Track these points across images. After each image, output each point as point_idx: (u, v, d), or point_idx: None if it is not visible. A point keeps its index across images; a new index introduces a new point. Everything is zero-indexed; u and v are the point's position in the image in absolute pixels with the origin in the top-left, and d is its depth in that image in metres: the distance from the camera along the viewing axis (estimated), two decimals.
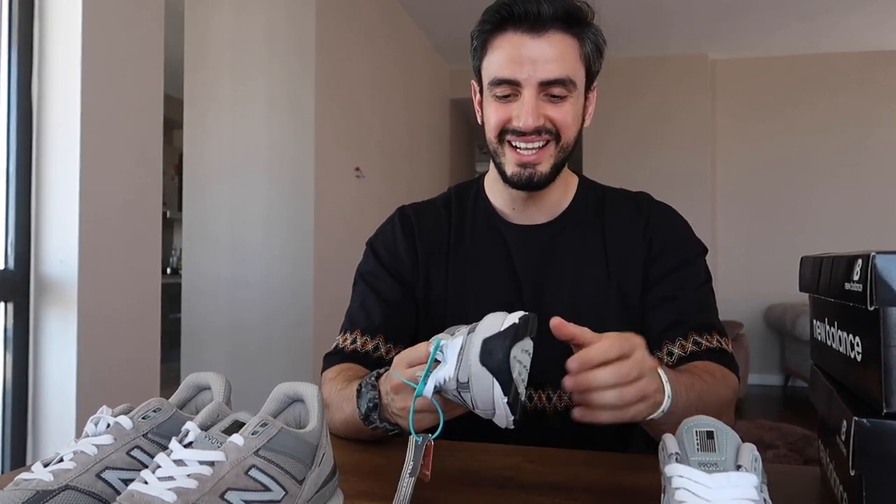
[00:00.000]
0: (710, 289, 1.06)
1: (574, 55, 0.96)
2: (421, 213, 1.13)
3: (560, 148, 0.99)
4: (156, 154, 1.92)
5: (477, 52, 1.01)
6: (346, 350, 1.04)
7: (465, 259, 1.07)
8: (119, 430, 0.60)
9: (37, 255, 1.68)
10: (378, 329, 1.04)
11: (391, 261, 1.09)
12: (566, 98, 0.96)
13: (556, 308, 1.02)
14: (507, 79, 0.95)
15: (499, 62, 0.96)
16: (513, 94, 0.97)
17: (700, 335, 0.98)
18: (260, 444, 0.55)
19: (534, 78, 0.94)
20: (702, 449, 0.55)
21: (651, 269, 1.04)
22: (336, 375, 0.98)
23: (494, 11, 0.96)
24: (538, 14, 0.93)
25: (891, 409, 0.56)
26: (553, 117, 0.96)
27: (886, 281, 0.56)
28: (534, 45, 0.94)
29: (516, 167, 0.99)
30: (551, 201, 1.08)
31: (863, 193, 5.46)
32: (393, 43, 4.32)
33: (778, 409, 4.97)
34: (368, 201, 3.74)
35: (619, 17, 4.76)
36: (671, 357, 0.98)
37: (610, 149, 5.67)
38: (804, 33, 5.09)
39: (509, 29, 0.95)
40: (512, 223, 1.09)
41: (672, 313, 1.00)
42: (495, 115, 0.98)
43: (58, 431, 1.64)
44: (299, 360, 3.14)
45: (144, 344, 1.86)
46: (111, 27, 1.76)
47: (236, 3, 3.26)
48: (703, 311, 1.01)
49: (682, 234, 1.08)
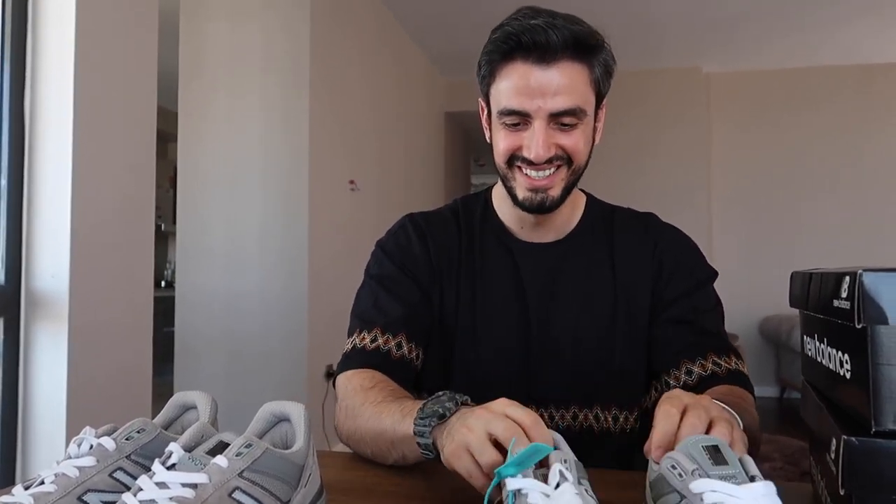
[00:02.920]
0: (721, 313, 1.06)
1: (584, 83, 0.94)
2: (431, 221, 1.12)
3: (572, 171, 0.99)
4: (149, 167, 1.92)
5: (485, 78, 0.99)
6: (368, 349, 0.99)
7: (474, 274, 1.06)
8: (102, 452, 0.59)
9: (28, 270, 1.67)
10: (399, 326, 1.00)
11: (407, 262, 1.07)
12: (576, 126, 0.95)
13: (564, 328, 1.02)
14: (517, 110, 0.93)
15: (507, 92, 0.94)
16: (522, 123, 0.95)
17: (719, 356, 0.98)
18: (244, 465, 0.54)
19: (544, 110, 0.92)
20: (716, 463, 0.56)
21: (664, 291, 1.04)
22: (366, 382, 0.93)
23: (502, 41, 0.93)
24: (546, 43, 0.90)
25: (880, 428, 0.56)
26: (565, 145, 0.95)
27: (874, 299, 0.55)
28: (543, 75, 0.91)
29: (528, 192, 0.98)
30: (560, 220, 1.07)
31: (859, 205, 5.48)
32: (388, 56, 4.34)
33: (774, 421, 4.96)
34: (363, 214, 3.74)
35: (614, 31, 4.73)
36: (691, 376, 0.97)
37: (607, 161, 5.68)
38: (799, 46, 5.12)
39: (518, 58, 0.93)
40: (521, 240, 1.08)
41: (690, 334, 1.00)
42: (504, 142, 0.97)
43: (48, 448, 1.63)
44: (294, 372, 3.13)
45: (136, 359, 1.85)
46: (105, 39, 1.76)
47: (231, 16, 3.27)
48: (719, 333, 1.02)
49: (694, 257, 1.08)
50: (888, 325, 0.55)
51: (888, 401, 0.56)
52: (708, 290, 1.06)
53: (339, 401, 0.96)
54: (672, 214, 1.15)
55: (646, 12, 4.50)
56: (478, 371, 1.03)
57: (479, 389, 1.02)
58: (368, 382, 0.93)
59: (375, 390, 0.90)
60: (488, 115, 1.02)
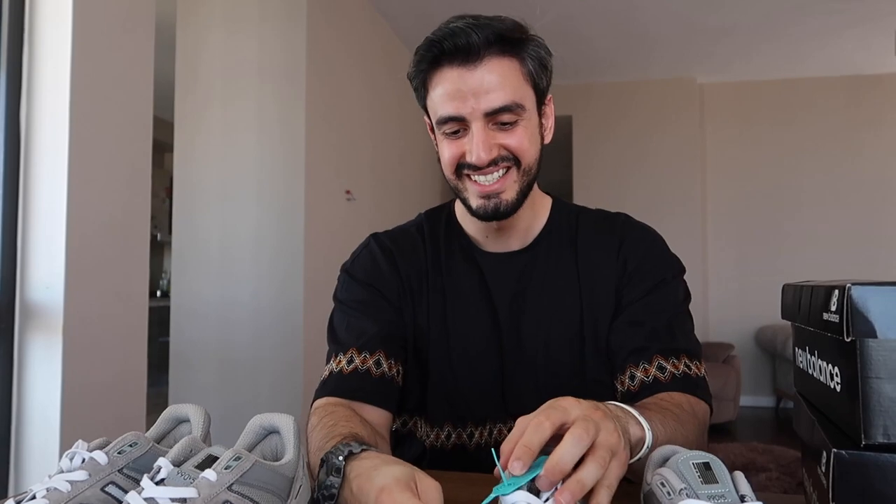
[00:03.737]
0: (686, 310, 1.02)
1: (516, 77, 0.92)
2: (396, 239, 1.10)
3: (522, 172, 0.96)
4: (144, 177, 1.92)
5: (418, 91, 0.98)
6: (345, 372, 0.95)
7: (442, 290, 1.05)
8: (94, 466, 0.59)
9: (23, 281, 1.66)
10: (376, 344, 0.98)
11: (375, 282, 1.05)
12: (517, 123, 0.93)
13: (534, 338, 1.01)
14: (452, 115, 0.92)
15: (440, 100, 0.93)
16: (462, 129, 0.93)
17: (666, 359, 0.94)
18: (233, 478, 0.54)
19: (478, 111, 0.90)
20: (705, 482, 0.55)
21: (623, 293, 1.01)
22: (322, 406, 0.91)
23: (426, 50, 0.93)
24: (468, 45, 0.89)
25: (870, 441, 0.56)
26: (507, 144, 0.93)
27: (862, 312, 0.56)
28: (471, 76, 0.90)
29: (480, 199, 0.96)
30: (523, 227, 1.05)
31: (853, 214, 5.51)
32: (384, 66, 4.35)
33: (770, 430, 4.95)
34: (359, 224, 3.74)
35: (608, 43, 4.82)
36: (633, 381, 0.94)
37: (600, 172, 5.71)
38: (790, 57, 5.16)
39: (444, 64, 0.92)
40: (486, 251, 1.06)
41: (638, 338, 0.96)
42: (448, 151, 0.95)
43: (41, 461, 1.62)
44: (289, 383, 3.12)
45: (131, 370, 1.85)
46: (101, 49, 1.77)
47: (228, 27, 3.29)
48: (673, 334, 0.97)
49: (657, 254, 1.04)
50: (877, 339, 0.56)
51: (878, 414, 0.56)
52: (670, 287, 1.02)
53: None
54: (667, 224, 1.14)
55: (642, 25, 4.53)
56: (453, 385, 1.01)
57: (454, 404, 1.02)
58: (320, 406, 0.91)
59: (319, 412, 0.88)
60: (431, 128, 1.00)
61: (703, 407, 0.93)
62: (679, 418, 0.83)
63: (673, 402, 0.88)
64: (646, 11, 4.31)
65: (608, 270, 1.02)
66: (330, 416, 0.86)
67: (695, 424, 0.87)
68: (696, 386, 0.94)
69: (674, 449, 0.65)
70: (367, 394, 0.95)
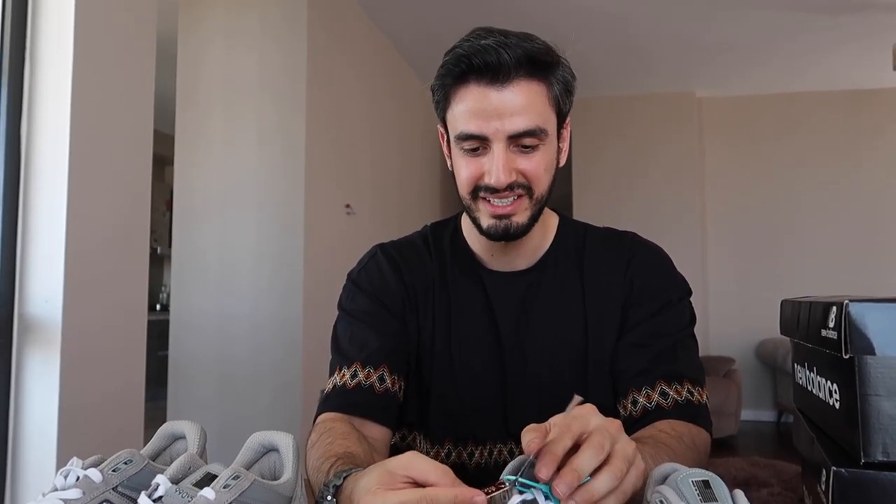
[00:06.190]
0: (691, 333, 1.02)
1: (542, 102, 0.91)
2: (402, 250, 1.08)
3: (535, 201, 0.95)
4: (144, 191, 1.92)
5: (440, 103, 0.96)
6: (348, 386, 0.94)
7: (447, 306, 1.04)
8: (88, 484, 0.58)
9: (21, 295, 1.66)
10: (380, 358, 0.97)
11: (381, 293, 1.03)
12: (538, 147, 0.91)
13: (538, 358, 1.00)
14: (475, 134, 0.90)
15: (463, 116, 0.90)
16: (482, 148, 0.91)
17: (669, 385, 0.93)
18: (231, 497, 0.54)
19: (502, 132, 0.89)
20: (704, 500, 0.55)
21: (629, 315, 1.00)
22: (322, 422, 0.90)
23: (453, 65, 0.90)
24: (499, 64, 0.87)
25: (869, 459, 0.55)
26: (524, 170, 0.91)
27: (860, 329, 0.56)
28: (498, 96, 0.88)
29: (491, 219, 0.94)
30: (531, 246, 1.04)
31: (852, 227, 5.51)
32: (384, 80, 4.37)
33: (772, 444, 4.93)
34: (359, 238, 3.74)
35: (607, 58, 4.84)
36: (635, 406, 0.93)
37: (599, 186, 5.72)
38: (788, 71, 5.19)
39: (471, 80, 0.90)
40: (492, 270, 1.05)
41: (642, 361, 0.95)
42: (466, 170, 0.94)
43: (38, 476, 1.61)
44: (288, 397, 3.11)
45: (129, 385, 1.84)
46: (102, 63, 1.78)
47: (229, 41, 3.30)
48: (677, 358, 0.96)
49: (664, 276, 1.03)
50: (875, 356, 0.56)
51: (877, 432, 0.56)
52: (676, 310, 1.01)
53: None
54: (666, 238, 1.13)
55: (642, 39, 4.55)
56: (454, 402, 1.01)
57: (455, 422, 1.01)
58: (325, 431, 0.88)
59: (319, 429, 0.88)
60: (448, 142, 0.98)
61: (704, 436, 0.92)
62: (675, 452, 0.82)
63: (674, 433, 0.87)
64: (645, 27, 4.34)
65: (616, 289, 1.01)
66: (328, 432, 0.86)
67: (693, 457, 0.86)
68: (698, 414, 0.93)
69: (673, 467, 0.64)
70: (369, 410, 0.94)
